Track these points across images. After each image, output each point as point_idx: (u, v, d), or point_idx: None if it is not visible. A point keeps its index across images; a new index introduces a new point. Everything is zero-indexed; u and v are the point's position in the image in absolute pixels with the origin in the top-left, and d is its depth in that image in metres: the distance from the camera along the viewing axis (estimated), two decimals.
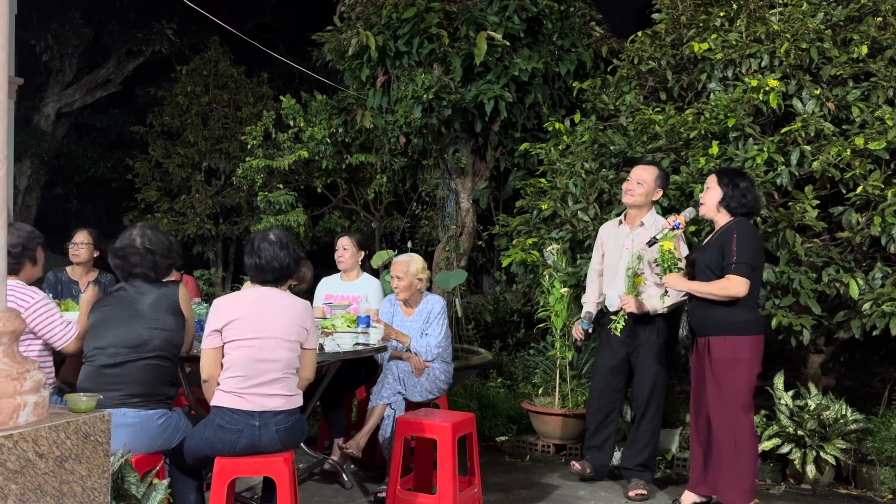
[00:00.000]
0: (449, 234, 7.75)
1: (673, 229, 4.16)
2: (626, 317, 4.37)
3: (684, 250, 4.42)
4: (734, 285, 3.88)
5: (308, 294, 5.32)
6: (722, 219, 4.09)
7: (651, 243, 4.21)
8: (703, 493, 4.21)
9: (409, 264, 4.73)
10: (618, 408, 4.76)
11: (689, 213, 4.30)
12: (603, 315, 4.80)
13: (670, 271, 4.06)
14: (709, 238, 4.15)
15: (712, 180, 4.12)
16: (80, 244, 5.14)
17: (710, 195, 4.09)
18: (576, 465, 4.75)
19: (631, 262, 4.41)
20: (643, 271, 4.43)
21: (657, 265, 4.17)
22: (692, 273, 4.12)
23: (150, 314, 3.33)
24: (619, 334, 4.38)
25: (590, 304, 4.84)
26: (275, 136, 8.75)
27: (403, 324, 4.80)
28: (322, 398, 4.87)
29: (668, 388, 5.28)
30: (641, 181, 4.55)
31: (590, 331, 4.77)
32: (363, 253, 5.35)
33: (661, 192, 4.60)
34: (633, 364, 4.63)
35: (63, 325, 3.49)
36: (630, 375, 4.68)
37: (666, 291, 4.27)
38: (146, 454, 3.23)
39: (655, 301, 4.38)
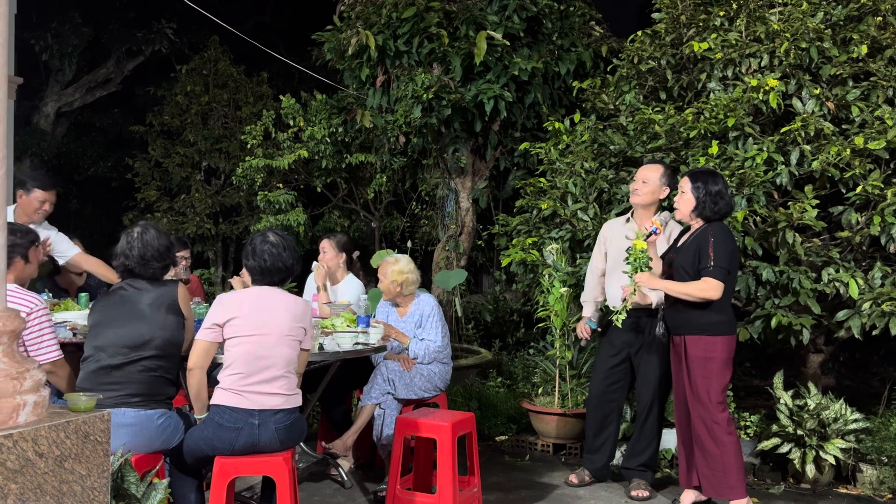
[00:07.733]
0: (448, 234, 7.75)
1: (649, 235, 4.10)
2: (629, 307, 4.26)
3: (661, 250, 4.37)
4: (710, 287, 3.92)
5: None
6: (696, 222, 4.11)
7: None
8: (690, 487, 4.26)
9: (387, 266, 4.70)
10: (618, 408, 4.71)
11: (664, 217, 4.26)
12: (605, 315, 4.75)
13: (641, 270, 4.06)
14: (684, 240, 4.14)
15: (686, 184, 4.09)
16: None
17: (684, 202, 4.09)
18: (573, 479, 4.74)
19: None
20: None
21: (627, 263, 4.12)
22: (669, 273, 4.13)
23: (149, 314, 3.33)
24: (620, 325, 4.28)
25: (590, 302, 4.79)
26: (274, 136, 8.76)
27: (398, 325, 4.76)
28: (324, 398, 4.87)
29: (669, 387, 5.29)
30: (646, 180, 4.49)
31: (598, 329, 4.72)
32: (343, 255, 5.29)
33: (667, 190, 4.49)
34: (636, 363, 4.59)
35: (53, 342, 3.39)
36: (630, 375, 4.66)
37: (634, 290, 4.23)
38: (146, 454, 3.22)
39: (656, 295, 4.36)
